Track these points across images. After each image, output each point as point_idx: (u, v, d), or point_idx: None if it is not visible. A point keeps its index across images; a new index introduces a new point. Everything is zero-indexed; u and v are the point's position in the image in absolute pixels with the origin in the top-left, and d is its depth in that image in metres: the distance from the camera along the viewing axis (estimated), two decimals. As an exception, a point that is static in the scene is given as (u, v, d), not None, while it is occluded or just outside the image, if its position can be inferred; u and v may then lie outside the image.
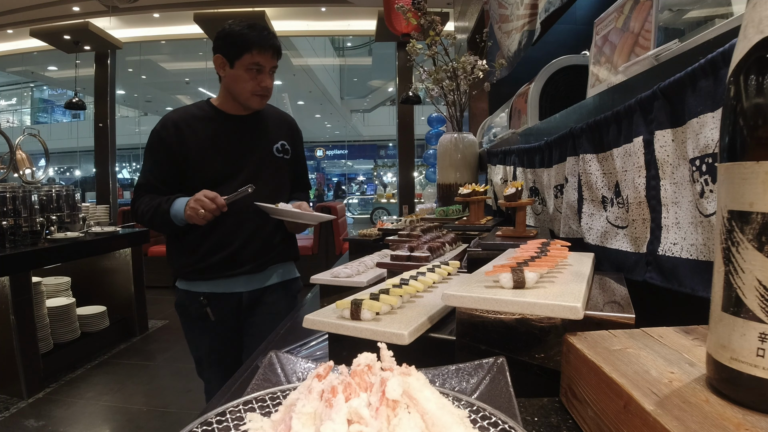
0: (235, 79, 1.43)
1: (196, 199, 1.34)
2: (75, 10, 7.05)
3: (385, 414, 0.33)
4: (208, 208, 1.33)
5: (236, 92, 1.45)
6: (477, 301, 0.52)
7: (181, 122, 1.44)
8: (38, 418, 2.49)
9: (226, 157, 1.46)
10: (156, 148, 1.44)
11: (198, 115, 1.48)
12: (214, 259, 1.47)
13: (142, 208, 1.44)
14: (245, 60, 1.40)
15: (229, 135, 1.49)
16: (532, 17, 1.77)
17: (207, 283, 1.50)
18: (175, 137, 1.42)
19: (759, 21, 0.29)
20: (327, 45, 13.09)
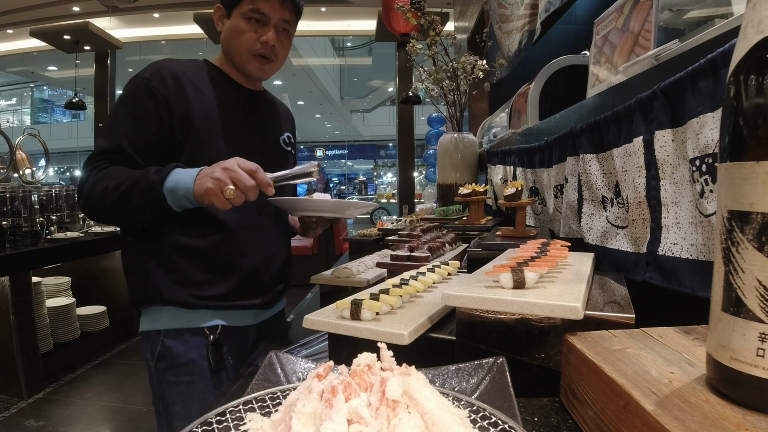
0: (230, 32, 1.07)
1: (225, 168, 0.86)
2: (75, 10, 7.05)
3: (385, 414, 0.33)
4: (244, 186, 0.86)
5: (232, 51, 1.08)
6: (477, 301, 0.52)
7: (181, 75, 1.03)
8: (38, 418, 2.49)
9: (235, 136, 1.08)
10: (140, 103, 0.98)
11: (200, 74, 1.08)
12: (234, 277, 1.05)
13: (103, 182, 0.92)
14: (243, 6, 1.04)
15: (238, 108, 1.11)
16: (532, 17, 1.78)
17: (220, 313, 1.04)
18: (174, 92, 1.00)
19: (759, 21, 0.29)
20: (327, 45, 13.09)
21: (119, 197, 0.91)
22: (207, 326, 1.02)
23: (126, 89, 1.01)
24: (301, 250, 5.60)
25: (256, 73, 1.11)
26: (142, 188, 0.90)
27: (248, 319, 1.10)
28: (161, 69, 1.02)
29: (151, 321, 1.02)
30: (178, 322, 1.01)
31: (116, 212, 0.94)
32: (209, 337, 1.01)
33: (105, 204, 0.93)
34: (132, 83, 1.01)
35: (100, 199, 0.93)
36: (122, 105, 1.00)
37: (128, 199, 0.91)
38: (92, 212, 0.97)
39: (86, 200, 0.95)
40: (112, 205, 0.92)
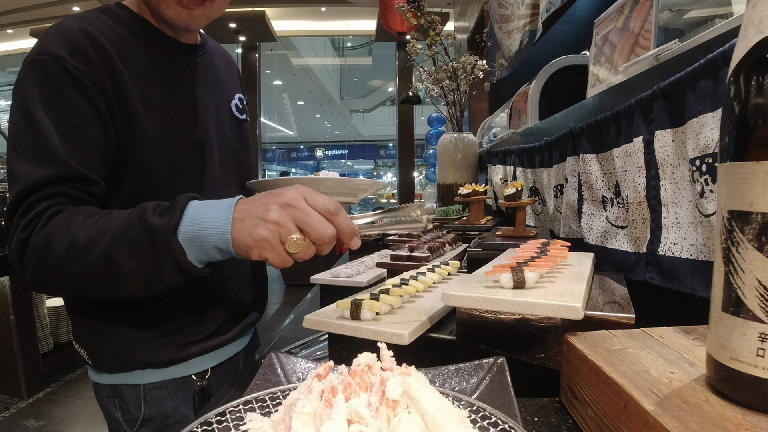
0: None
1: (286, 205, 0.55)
2: (75, 10, 7.05)
3: (385, 414, 0.33)
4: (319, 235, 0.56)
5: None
6: (477, 301, 0.52)
7: (104, 41, 0.69)
8: (38, 418, 2.49)
9: (180, 119, 0.78)
10: (63, 97, 0.65)
11: (120, 33, 0.73)
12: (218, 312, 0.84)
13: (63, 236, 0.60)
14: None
15: (176, 77, 0.79)
16: (533, 17, 1.78)
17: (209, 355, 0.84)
18: (105, 73, 0.68)
19: (759, 21, 0.29)
20: (327, 45, 13.10)
21: (97, 260, 0.58)
22: (195, 373, 0.81)
23: (31, 78, 0.65)
24: (301, 250, 5.59)
25: (176, 18, 0.73)
26: (140, 240, 0.57)
27: (238, 346, 0.92)
28: (74, 37, 0.67)
29: (123, 376, 0.77)
30: (162, 375, 0.78)
31: (90, 283, 0.60)
32: (196, 384, 0.81)
33: (70, 272, 0.60)
34: (39, 67, 0.65)
35: (60, 265, 0.60)
36: (36, 105, 0.64)
37: (112, 262, 0.58)
38: (46, 285, 0.63)
39: (36, 269, 0.61)
40: (84, 274, 0.59)
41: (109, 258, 0.58)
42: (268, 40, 8.31)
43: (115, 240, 0.58)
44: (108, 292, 0.62)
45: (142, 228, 0.58)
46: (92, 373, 0.81)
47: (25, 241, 0.62)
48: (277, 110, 16.05)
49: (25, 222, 0.63)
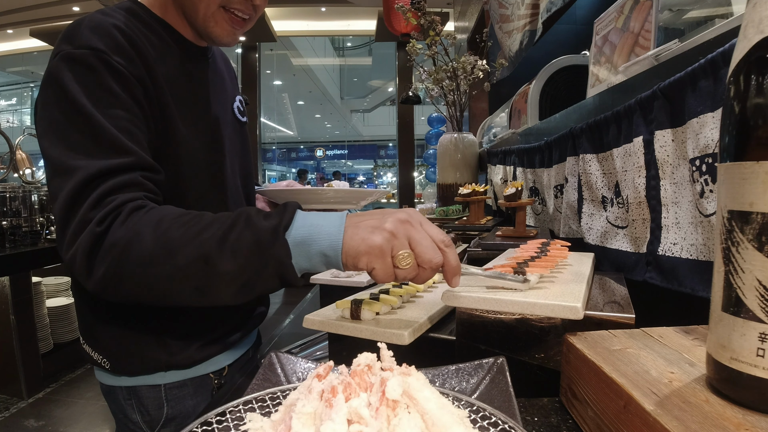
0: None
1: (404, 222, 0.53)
2: (75, 10, 7.05)
3: (385, 414, 0.33)
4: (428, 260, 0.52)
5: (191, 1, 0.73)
6: (477, 301, 0.52)
7: (136, 38, 0.68)
8: (38, 418, 2.49)
9: (204, 116, 0.80)
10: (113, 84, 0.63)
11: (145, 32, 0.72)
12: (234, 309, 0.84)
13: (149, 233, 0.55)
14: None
15: (190, 80, 0.78)
16: (533, 17, 1.78)
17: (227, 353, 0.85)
18: (143, 68, 0.68)
19: (759, 21, 0.29)
20: (327, 45, 13.10)
21: (194, 261, 0.53)
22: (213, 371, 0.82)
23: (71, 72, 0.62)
24: (301, 250, 5.59)
25: (224, 37, 0.76)
26: (244, 242, 0.53)
27: (249, 342, 0.95)
28: (111, 32, 0.65)
29: (143, 377, 0.76)
30: (184, 374, 0.78)
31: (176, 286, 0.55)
32: (214, 381, 0.82)
33: (157, 274, 0.54)
34: (78, 61, 0.62)
35: (146, 264, 0.54)
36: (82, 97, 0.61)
37: (211, 263, 0.53)
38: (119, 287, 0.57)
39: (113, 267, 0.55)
40: (173, 276, 0.54)
41: (208, 259, 0.53)
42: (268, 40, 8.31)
43: (216, 240, 0.53)
44: (191, 298, 0.56)
45: (248, 228, 0.53)
46: (105, 376, 0.78)
47: (100, 236, 0.56)
48: (277, 110, 16.05)
49: (101, 215, 0.57)
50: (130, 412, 0.77)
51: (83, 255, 0.56)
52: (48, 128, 0.63)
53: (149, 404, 0.76)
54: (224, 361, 0.84)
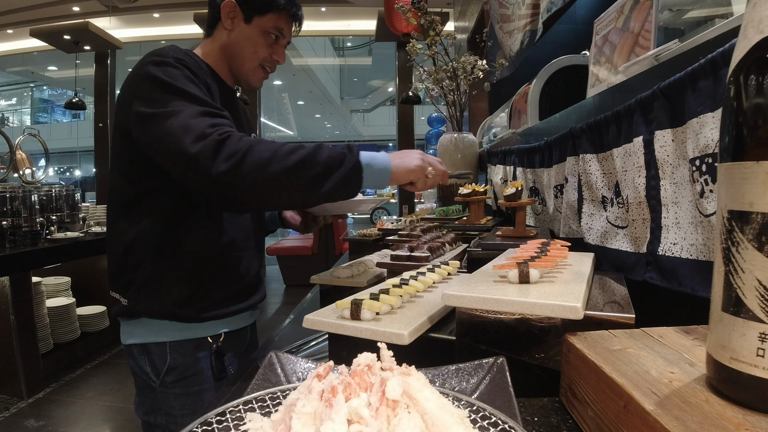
0: (246, 40, 1.04)
1: (418, 152, 0.92)
2: (75, 10, 7.05)
3: (385, 414, 0.33)
4: (441, 170, 0.94)
5: (240, 57, 1.05)
6: (477, 301, 0.52)
7: (201, 73, 0.96)
8: (38, 418, 2.49)
9: None
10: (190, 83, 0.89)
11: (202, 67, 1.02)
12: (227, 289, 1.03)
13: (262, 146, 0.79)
14: (268, 20, 1.03)
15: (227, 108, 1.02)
16: (534, 17, 1.78)
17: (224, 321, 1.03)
18: (204, 83, 0.95)
19: (759, 21, 0.29)
20: (327, 45, 13.10)
21: (296, 165, 0.78)
22: (211, 336, 1.00)
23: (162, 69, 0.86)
24: (301, 250, 5.60)
25: (256, 84, 1.11)
26: (327, 158, 0.80)
27: (246, 320, 1.11)
28: (184, 56, 0.93)
29: (152, 334, 0.96)
30: (184, 334, 0.97)
31: (279, 184, 0.78)
32: (212, 345, 1.00)
33: (271, 172, 0.77)
34: (168, 64, 0.88)
35: (263, 165, 0.77)
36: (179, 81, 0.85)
37: (306, 169, 0.78)
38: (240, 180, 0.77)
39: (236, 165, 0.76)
40: (281, 173, 0.77)
41: (303, 165, 0.78)
42: (268, 40, 8.30)
43: (310, 154, 0.80)
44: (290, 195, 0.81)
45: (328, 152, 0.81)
46: (125, 336, 0.99)
47: (222, 143, 0.77)
48: (277, 110, 16.05)
49: (220, 129, 0.79)
50: (142, 364, 0.98)
51: (210, 152, 0.76)
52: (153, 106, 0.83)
53: (156, 358, 0.96)
54: (221, 328, 1.02)
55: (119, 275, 0.96)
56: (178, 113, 0.81)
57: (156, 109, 0.82)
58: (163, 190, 0.93)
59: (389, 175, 0.86)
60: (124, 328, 0.99)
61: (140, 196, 0.94)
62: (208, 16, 1.08)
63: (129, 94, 0.88)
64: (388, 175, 0.86)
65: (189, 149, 0.77)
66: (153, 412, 1.00)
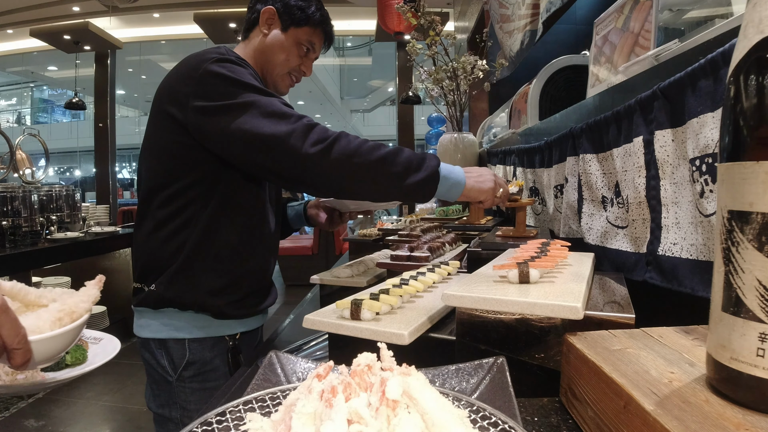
0: (281, 47, 1.09)
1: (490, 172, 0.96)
2: (75, 10, 7.05)
3: (385, 414, 0.33)
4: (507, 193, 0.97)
5: (273, 62, 1.11)
6: (477, 301, 0.52)
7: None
8: (38, 418, 2.49)
9: None
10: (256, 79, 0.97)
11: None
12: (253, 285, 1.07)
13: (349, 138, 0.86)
14: (304, 32, 1.10)
15: None
16: (534, 17, 1.78)
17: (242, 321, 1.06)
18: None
19: (759, 21, 0.29)
20: (327, 45, 13.08)
21: (379, 161, 0.83)
22: (228, 334, 1.04)
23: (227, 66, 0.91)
24: (301, 250, 5.60)
25: (283, 90, 1.16)
26: (407, 160, 0.84)
27: (259, 321, 1.14)
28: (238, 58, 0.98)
29: (172, 329, 0.99)
30: (204, 332, 1.00)
31: (360, 175, 0.84)
32: (229, 343, 1.03)
33: (354, 161, 0.82)
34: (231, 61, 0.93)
35: (351, 153, 0.82)
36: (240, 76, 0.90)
37: (389, 166, 0.83)
38: (325, 164, 0.83)
39: (324, 150, 0.82)
40: (365, 165, 0.83)
41: (387, 162, 0.83)
42: (268, 40, 8.30)
43: (393, 153, 0.84)
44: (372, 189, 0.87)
45: (410, 155, 0.86)
46: (142, 329, 1.02)
47: (311, 128, 0.84)
48: (277, 110, 16.03)
49: (307, 118, 0.86)
50: (159, 358, 1.01)
51: (300, 134, 0.83)
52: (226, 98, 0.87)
53: (174, 353, 0.99)
54: (238, 328, 1.05)
55: (152, 264, 0.99)
56: (254, 103, 0.86)
57: (226, 101, 0.87)
58: (207, 183, 0.97)
59: (461, 191, 0.90)
60: (142, 321, 1.02)
61: (183, 188, 0.96)
62: (246, 20, 1.13)
63: (186, 91, 0.91)
64: (461, 191, 0.90)
65: (280, 129, 0.83)
66: (168, 405, 1.03)
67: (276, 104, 0.87)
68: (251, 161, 0.88)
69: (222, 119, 0.87)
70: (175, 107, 0.93)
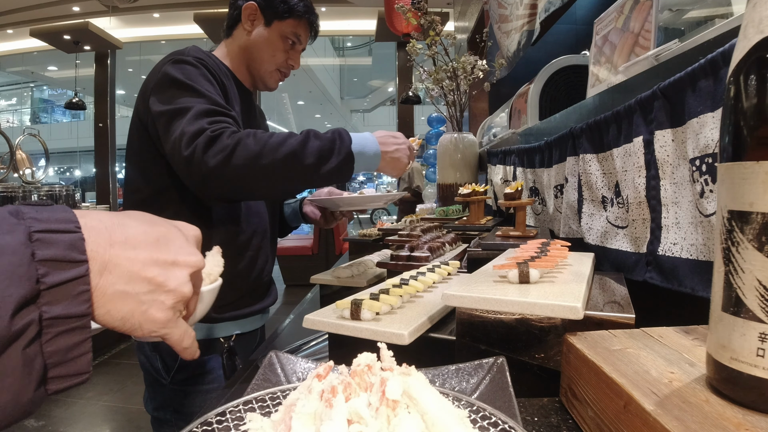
0: (266, 42, 1.07)
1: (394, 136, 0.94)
2: (75, 10, 7.05)
3: (385, 414, 0.33)
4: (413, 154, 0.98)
5: (259, 59, 1.08)
6: (477, 301, 0.52)
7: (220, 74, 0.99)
8: (38, 418, 2.49)
9: None
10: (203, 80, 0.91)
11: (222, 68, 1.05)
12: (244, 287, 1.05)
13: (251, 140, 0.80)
14: (288, 25, 1.06)
15: (244, 109, 1.10)
16: (531, 17, 1.78)
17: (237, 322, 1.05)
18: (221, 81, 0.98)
19: (759, 21, 0.29)
20: (327, 45, 13.11)
21: (284, 158, 0.79)
22: (223, 336, 1.02)
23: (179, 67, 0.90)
24: (301, 250, 5.60)
25: (272, 86, 1.15)
26: (319, 147, 0.81)
27: (257, 322, 1.13)
28: (204, 57, 0.97)
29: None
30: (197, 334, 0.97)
31: (269, 175, 0.80)
32: (224, 345, 1.02)
33: (256, 165, 0.78)
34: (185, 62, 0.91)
35: (249, 159, 0.77)
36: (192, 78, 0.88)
37: (297, 160, 0.79)
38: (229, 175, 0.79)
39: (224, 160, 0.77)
40: (269, 166, 0.78)
41: (294, 156, 0.80)
42: (268, 40, 8.31)
43: (300, 145, 0.81)
44: (282, 185, 0.83)
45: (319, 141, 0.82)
46: None
47: (214, 139, 0.79)
48: (277, 110, 16.05)
49: (214, 127, 0.80)
50: (153, 361, 1.00)
51: (201, 150, 0.78)
52: (165, 103, 0.87)
53: (167, 356, 0.99)
54: (233, 330, 1.04)
55: None
56: (184, 113, 0.83)
57: (167, 107, 0.86)
58: (179, 187, 0.94)
59: (379, 161, 0.90)
60: None
61: (156, 193, 0.95)
62: (227, 17, 1.10)
63: (147, 91, 0.92)
64: (378, 163, 0.90)
65: (183, 152, 0.79)
66: (163, 408, 1.02)
67: (196, 120, 0.82)
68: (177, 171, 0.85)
69: (160, 125, 0.86)
70: (142, 107, 0.92)
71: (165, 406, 1.02)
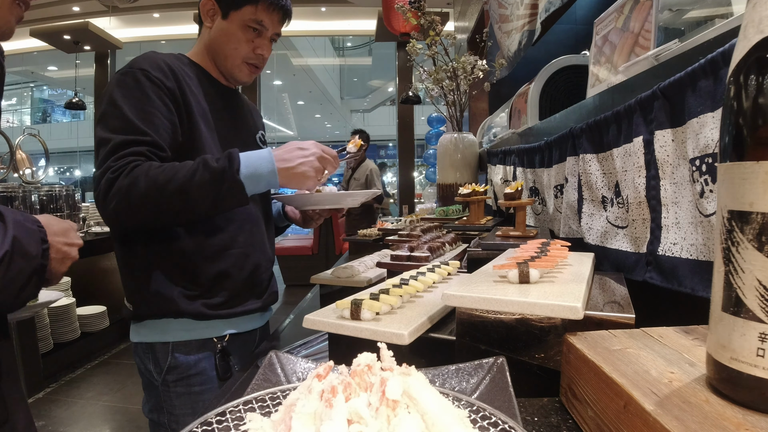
0: (225, 36, 1.04)
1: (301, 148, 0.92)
2: (75, 10, 7.05)
3: (385, 414, 0.33)
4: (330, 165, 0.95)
5: (222, 55, 1.06)
6: (477, 301, 0.52)
7: (176, 69, 0.98)
8: (38, 418, 2.49)
9: (221, 137, 1.05)
10: (148, 91, 0.91)
11: (186, 70, 1.03)
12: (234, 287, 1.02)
13: (144, 179, 0.82)
14: (245, 13, 1.02)
15: (221, 108, 1.07)
16: (532, 17, 1.78)
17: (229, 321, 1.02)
18: (176, 85, 0.96)
19: (759, 21, 0.29)
20: (327, 45, 13.10)
21: (173, 194, 0.82)
22: (216, 336, 1.01)
23: (118, 82, 0.92)
24: (301, 250, 5.60)
25: (244, 80, 1.11)
26: (208, 180, 0.83)
27: (254, 322, 1.10)
28: (158, 61, 0.95)
29: (158, 333, 0.97)
30: (189, 335, 0.98)
31: (163, 211, 0.84)
32: (217, 346, 1.00)
33: (149, 203, 0.83)
34: (127, 74, 0.92)
35: (141, 198, 0.82)
36: (119, 98, 0.89)
37: (186, 195, 0.83)
38: (127, 215, 0.85)
39: (120, 203, 0.83)
40: (161, 204, 0.83)
41: (182, 192, 0.83)
42: (268, 40, 8.30)
43: (186, 179, 0.83)
44: (176, 217, 0.87)
45: (207, 172, 0.84)
46: (133, 334, 1.02)
47: (113, 181, 0.83)
48: (277, 110, 16.04)
49: (115, 167, 0.84)
50: (147, 362, 1.00)
51: (102, 194, 0.84)
52: (100, 120, 0.91)
53: (160, 356, 0.98)
54: (226, 329, 1.02)
55: (124, 281, 1.00)
56: (104, 145, 0.88)
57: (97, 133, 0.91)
58: None
59: (277, 178, 0.89)
60: (133, 327, 1.02)
61: None
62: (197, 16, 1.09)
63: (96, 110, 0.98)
64: (276, 178, 0.89)
65: (95, 193, 0.87)
66: (157, 410, 1.01)
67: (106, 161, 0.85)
68: None
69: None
70: None
71: (159, 408, 1.01)
